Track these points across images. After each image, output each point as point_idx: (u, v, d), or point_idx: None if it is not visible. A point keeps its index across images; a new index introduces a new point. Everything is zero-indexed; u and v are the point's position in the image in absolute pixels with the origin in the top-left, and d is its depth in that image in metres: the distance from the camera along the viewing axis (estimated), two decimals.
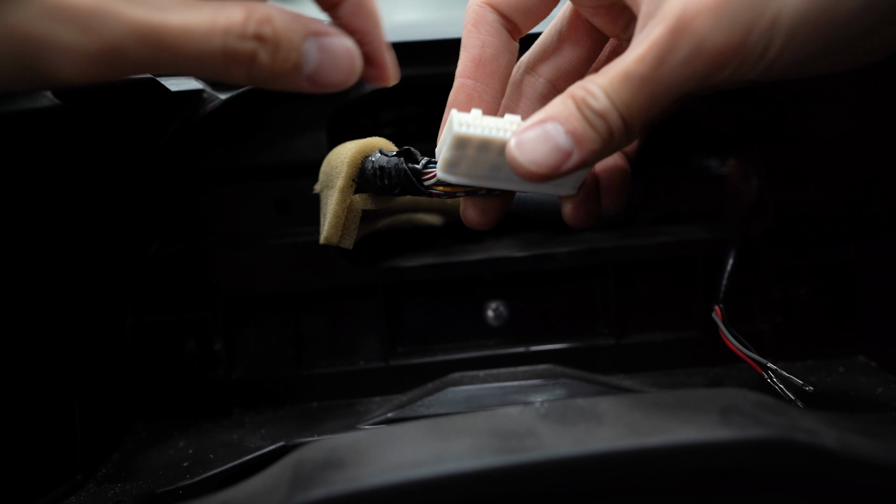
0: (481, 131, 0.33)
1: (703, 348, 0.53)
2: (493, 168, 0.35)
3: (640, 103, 0.29)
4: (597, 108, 0.30)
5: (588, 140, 0.30)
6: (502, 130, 0.33)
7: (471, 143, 0.33)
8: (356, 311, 0.55)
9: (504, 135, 0.32)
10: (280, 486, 0.28)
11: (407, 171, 0.37)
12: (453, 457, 0.27)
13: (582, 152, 0.30)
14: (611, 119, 0.30)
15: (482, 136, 0.33)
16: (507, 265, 0.53)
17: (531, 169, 0.31)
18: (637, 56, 0.29)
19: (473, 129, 0.33)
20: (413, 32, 0.51)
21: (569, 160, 0.30)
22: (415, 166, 0.37)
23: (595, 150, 0.30)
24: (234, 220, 0.54)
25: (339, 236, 0.41)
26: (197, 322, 0.52)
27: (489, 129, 0.33)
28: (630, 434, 0.27)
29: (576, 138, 0.30)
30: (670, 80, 0.29)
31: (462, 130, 0.33)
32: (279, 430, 0.49)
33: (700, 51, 0.28)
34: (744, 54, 0.28)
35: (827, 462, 0.27)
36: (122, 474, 0.44)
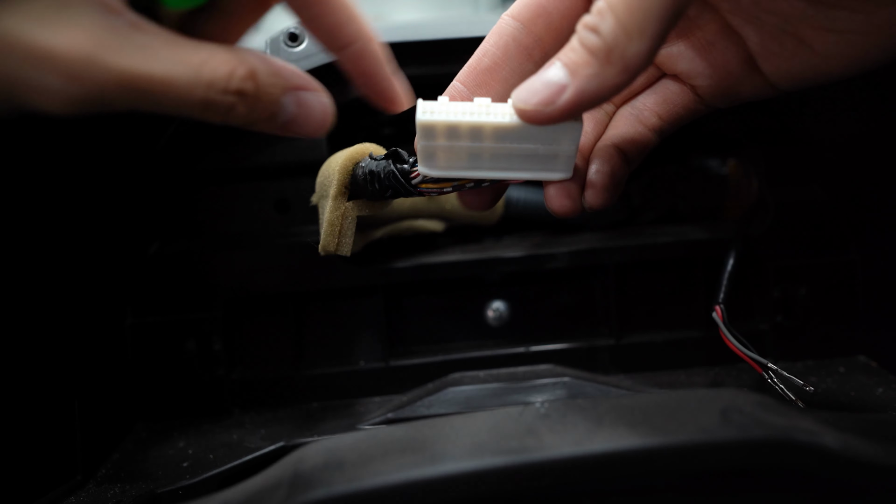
0: (445, 116, 0.32)
1: (703, 348, 0.53)
2: (473, 156, 0.34)
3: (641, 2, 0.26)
4: (589, 23, 0.27)
5: (581, 64, 0.27)
6: (468, 114, 0.32)
7: (438, 130, 0.32)
8: (356, 311, 0.55)
9: (470, 118, 0.32)
10: (280, 487, 0.28)
11: (395, 172, 0.37)
12: (453, 457, 0.27)
13: (577, 80, 0.28)
14: (604, 29, 0.27)
15: (447, 120, 0.32)
16: (507, 265, 0.53)
17: (521, 107, 0.29)
18: None
19: (437, 115, 0.32)
20: (413, 32, 0.50)
21: (563, 93, 0.28)
22: (402, 166, 0.37)
23: (592, 75, 0.27)
24: (234, 220, 0.54)
25: (335, 244, 0.41)
26: (197, 322, 0.52)
27: (454, 114, 0.32)
28: (630, 434, 0.27)
29: (570, 68, 0.28)
30: None
31: (426, 118, 0.32)
32: (279, 431, 0.49)
33: None
34: None
35: (827, 462, 0.27)
36: (121, 474, 0.44)
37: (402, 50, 0.49)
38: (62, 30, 0.24)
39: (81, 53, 0.24)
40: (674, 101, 0.36)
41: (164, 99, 0.27)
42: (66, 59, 0.24)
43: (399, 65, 0.35)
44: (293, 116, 0.31)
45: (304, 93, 0.31)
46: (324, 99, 0.32)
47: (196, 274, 0.52)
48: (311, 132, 0.32)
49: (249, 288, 0.52)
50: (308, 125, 0.31)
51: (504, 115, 0.32)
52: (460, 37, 0.49)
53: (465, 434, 0.29)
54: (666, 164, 0.57)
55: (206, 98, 0.27)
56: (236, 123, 0.30)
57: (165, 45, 0.26)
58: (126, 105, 0.27)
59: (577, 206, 0.36)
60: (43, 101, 0.25)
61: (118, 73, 0.25)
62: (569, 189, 0.35)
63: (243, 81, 0.28)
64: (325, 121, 0.32)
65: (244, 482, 0.31)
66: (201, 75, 0.27)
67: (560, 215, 0.36)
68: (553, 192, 0.36)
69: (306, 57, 0.47)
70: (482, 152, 0.33)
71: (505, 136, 0.32)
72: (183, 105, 0.27)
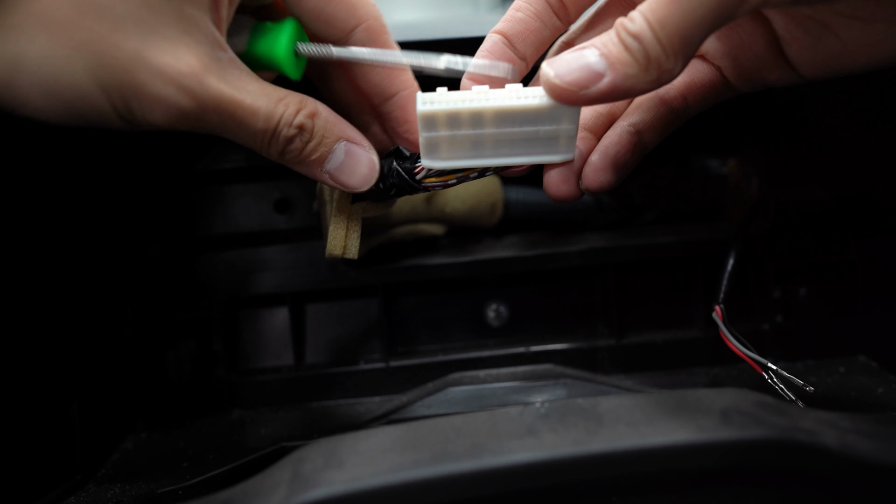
0: (446, 105, 0.32)
1: (703, 348, 0.53)
2: (475, 144, 0.34)
3: (676, 20, 0.28)
4: (632, 29, 0.28)
5: (621, 62, 0.29)
6: (468, 101, 0.32)
7: (439, 120, 0.33)
8: (356, 311, 0.55)
9: (471, 105, 0.32)
10: (280, 487, 0.28)
11: (398, 169, 0.37)
12: (453, 457, 0.27)
13: (615, 74, 0.29)
14: (646, 40, 0.28)
15: (448, 109, 0.32)
16: (507, 265, 0.53)
17: (556, 83, 0.30)
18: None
19: (437, 104, 0.32)
20: (413, 32, 0.50)
21: (600, 81, 0.29)
22: (405, 164, 0.37)
23: (630, 75, 0.29)
24: (233, 220, 0.54)
25: (342, 248, 0.41)
26: (197, 322, 0.52)
27: (454, 102, 0.32)
28: (630, 434, 0.27)
29: (609, 60, 0.29)
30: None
31: (426, 108, 0.32)
32: (279, 431, 0.49)
33: None
34: None
35: (827, 462, 0.27)
36: (121, 474, 0.44)
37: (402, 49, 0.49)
38: (181, 52, 0.29)
39: (195, 72, 0.29)
40: (700, 82, 0.36)
41: (244, 125, 0.31)
42: (182, 75, 0.29)
43: None
44: (341, 164, 0.35)
45: (355, 146, 0.35)
46: (373, 157, 0.35)
47: (196, 274, 0.52)
48: (354, 184, 0.35)
49: (249, 288, 0.52)
50: (352, 176, 0.35)
51: (504, 98, 0.32)
52: (461, 37, 0.49)
53: (465, 434, 0.29)
54: (666, 164, 0.57)
55: (276, 129, 0.32)
56: (289, 159, 0.34)
57: (253, 82, 0.32)
58: (212, 126, 0.31)
59: (576, 191, 0.36)
60: (154, 110, 0.30)
61: (218, 94, 0.30)
62: (567, 174, 0.36)
63: (306, 118, 0.33)
64: (368, 176, 0.35)
65: (244, 482, 0.31)
66: (278, 108, 0.32)
67: (559, 199, 0.36)
68: (553, 177, 0.36)
69: None
70: (484, 139, 0.33)
71: (506, 119, 0.33)
72: (257, 133, 0.32)
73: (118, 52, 0.28)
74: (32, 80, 0.28)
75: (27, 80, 0.28)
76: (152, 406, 0.52)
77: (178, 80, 0.29)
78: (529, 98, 0.32)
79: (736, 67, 0.35)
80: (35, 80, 0.28)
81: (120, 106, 0.30)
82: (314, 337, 0.54)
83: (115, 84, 0.29)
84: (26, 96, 0.29)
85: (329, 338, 0.54)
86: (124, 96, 0.29)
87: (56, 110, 0.30)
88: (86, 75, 0.28)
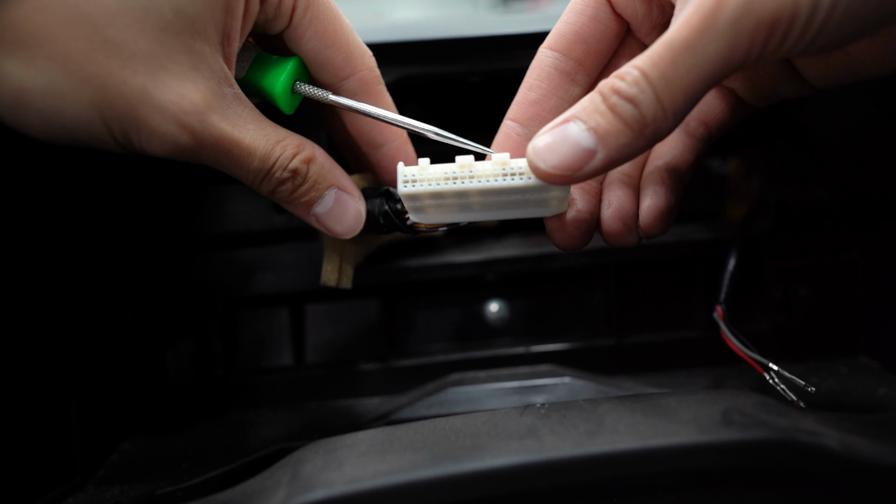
0: (428, 186, 0.31)
1: (704, 349, 0.53)
2: (462, 207, 0.33)
3: (682, 75, 0.26)
4: (626, 93, 0.26)
5: (613, 133, 0.27)
6: (451, 180, 0.31)
7: (422, 197, 0.32)
8: (356, 312, 0.54)
9: (454, 186, 0.31)
10: (279, 488, 0.28)
11: (388, 211, 0.37)
12: (453, 458, 0.27)
13: (608, 149, 0.27)
14: (643, 103, 0.26)
15: (430, 190, 0.31)
16: (507, 265, 0.53)
17: (548, 172, 0.28)
18: (682, 20, 0.26)
19: (419, 185, 0.31)
20: (413, 32, 0.50)
21: (593, 159, 0.27)
22: (395, 206, 0.37)
23: (624, 145, 0.27)
24: (233, 220, 0.53)
25: (335, 280, 0.42)
26: (196, 322, 0.52)
27: (437, 182, 0.31)
28: (631, 436, 0.27)
29: (599, 134, 0.27)
30: (717, 45, 0.25)
31: (407, 190, 0.32)
32: (278, 431, 0.49)
33: (749, 9, 0.25)
34: (793, 10, 0.25)
35: (829, 463, 0.27)
36: (120, 475, 0.44)
37: (402, 49, 0.49)
38: (188, 88, 0.30)
39: (198, 110, 0.30)
40: (717, 107, 0.36)
41: (240, 163, 0.32)
42: (185, 113, 0.30)
43: (399, 64, 0.35)
44: (329, 210, 0.35)
45: (346, 194, 0.36)
46: (361, 207, 0.36)
47: (195, 274, 0.52)
48: (338, 231, 0.36)
49: (249, 288, 0.52)
50: (338, 223, 0.36)
51: (489, 177, 0.31)
52: (460, 36, 0.49)
53: (465, 435, 0.29)
54: None
55: (270, 171, 0.33)
56: (279, 198, 0.35)
57: (254, 120, 0.32)
58: (206, 160, 0.32)
59: (587, 241, 0.35)
60: (153, 143, 0.30)
61: (218, 133, 0.31)
62: (577, 221, 0.34)
63: (301, 162, 0.34)
64: (353, 226, 0.36)
65: (244, 483, 0.31)
66: (275, 150, 0.33)
67: (567, 250, 0.35)
68: (556, 227, 0.35)
69: None
70: (471, 205, 0.33)
71: (492, 193, 0.32)
72: (252, 171, 0.33)
73: (125, 87, 0.29)
74: (37, 111, 0.29)
75: (32, 109, 0.29)
76: (151, 406, 0.52)
77: (179, 118, 0.30)
78: (516, 177, 0.31)
79: (750, 88, 0.35)
80: (39, 109, 0.29)
81: (119, 136, 0.30)
82: (314, 337, 0.54)
83: (117, 116, 0.29)
84: (30, 123, 0.30)
85: (329, 338, 0.54)
86: (124, 128, 0.30)
87: (56, 136, 0.31)
88: (89, 106, 0.29)
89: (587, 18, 0.35)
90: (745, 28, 0.25)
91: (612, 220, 0.34)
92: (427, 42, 0.50)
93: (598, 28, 0.35)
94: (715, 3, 0.25)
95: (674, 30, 0.26)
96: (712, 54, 0.26)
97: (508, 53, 0.48)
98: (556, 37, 0.35)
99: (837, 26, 0.26)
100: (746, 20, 0.25)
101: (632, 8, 0.35)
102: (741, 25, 0.25)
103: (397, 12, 1.01)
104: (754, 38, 0.25)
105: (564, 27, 0.35)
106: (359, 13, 0.50)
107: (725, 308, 0.44)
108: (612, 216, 0.34)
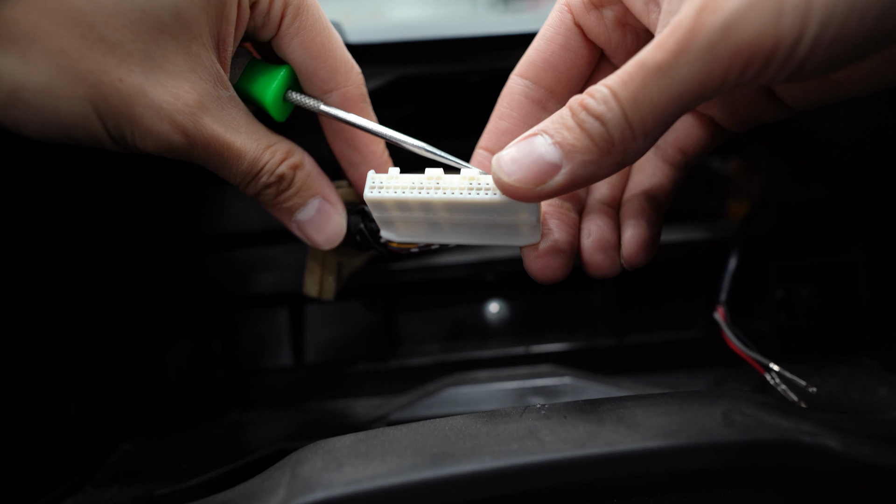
0: (393, 193, 0.31)
1: (705, 349, 0.53)
2: (431, 225, 0.33)
3: (652, 97, 0.25)
4: (594, 110, 0.26)
5: (579, 150, 0.26)
6: (417, 189, 0.31)
7: (388, 205, 0.32)
8: (356, 312, 0.54)
9: (419, 195, 0.31)
10: (279, 489, 0.28)
11: (364, 230, 0.36)
12: (454, 459, 0.27)
13: (572, 164, 0.26)
14: (610, 122, 0.26)
15: (395, 198, 0.31)
16: (507, 265, 0.52)
17: (509, 183, 0.27)
18: (656, 42, 0.25)
19: (385, 191, 0.31)
20: (412, 31, 0.50)
21: (556, 174, 0.27)
22: (371, 224, 0.36)
23: (589, 162, 0.26)
24: (232, 221, 0.53)
25: (317, 290, 0.42)
26: (195, 322, 0.52)
27: (402, 190, 0.31)
28: (632, 436, 0.27)
29: (564, 149, 0.26)
30: (691, 69, 0.24)
31: (373, 195, 0.31)
32: (277, 432, 0.49)
33: (727, 35, 0.24)
34: (775, 39, 0.24)
35: (830, 464, 0.27)
36: (119, 476, 0.44)
37: (401, 49, 0.49)
38: (183, 88, 0.30)
39: (191, 110, 0.30)
40: (696, 135, 0.35)
41: (229, 165, 0.33)
42: (179, 112, 0.30)
43: (398, 64, 0.35)
44: (311, 219, 0.36)
45: (329, 205, 0.36)
46: (342, 221, 0.36)
47: (194, 274, 0.52)
48: (318, 241, 0.36)
49: (248, 288, 0.52)
50: (319, 233, 0.36)
51: (455, 189, 0.30)
52: (459, 36, 0.48)
53: (465, 436, 0.28)
54: None
55: (258, 174, 0.33)
56: (263, 201, 0.35)
57: (247, 124, 0.33)
58: (197, 159, 0.32)
59: (565, 272, 0.34)
60: (146, 140, 0.30)
61: (210, 134, 0.31)
62: (554, 252, 0.33)
63: (288, 168, 0.34)
64: (334, 237, 0.36)
65: (243, 484, 0.31)
66: (264, 155, 0.33)
67: (544, 282, 0.34)
68: (532, 259, 0.33)
69: None
70: (440, 222, 0.32)
71: (458, 209, 0.31)
72: (237, 172, 0.33)
73: (121, 84, 0.29)
74: (33, 108, 0.29)
75: (28, 106, 0.29)
76: (150, 407, 0.52)
77: (173, 117, 0.30)
78: (482, 192, 0.30)
79: (728, 115, 0.34)
80: (36, 106, 0.29)
81: (114, 132, 0.30)
82: (313, 337, 0.54)
83: (113, 113, 0.29)
84: (26, 121, 0.30)
85: (328, 338, 0.54)
86: (119, 125, 0.30)
87: (52, 133, 0.30)
88: (85, 102, 0.29)
89: (557, 46, 0.34)
90: (721, 54, 0.24)
91: (592, 250, 0.34)
92: (426, 42, 0.50)
93: (569, 56, 0.34)
94: (691, 27, 0.24)
95: (647, 50, 0.25)
96: (686, 78, 0.25)
97: (508, 53, 0.48)
98: (526, 64, 0.35)
99: (824, 56, 0.24)
100: (723, 46, 0.24)
101: (605, 35, 0.34)
102: (717, 51, 0.24)
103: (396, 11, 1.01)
104: (732, 64, 0.24)
105: (534, 54, 0.35)
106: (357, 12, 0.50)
107: (726, 308, 0.44)
108: (593, 246, 0.34)
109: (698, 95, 0.25)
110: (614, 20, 0.33)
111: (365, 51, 0.48)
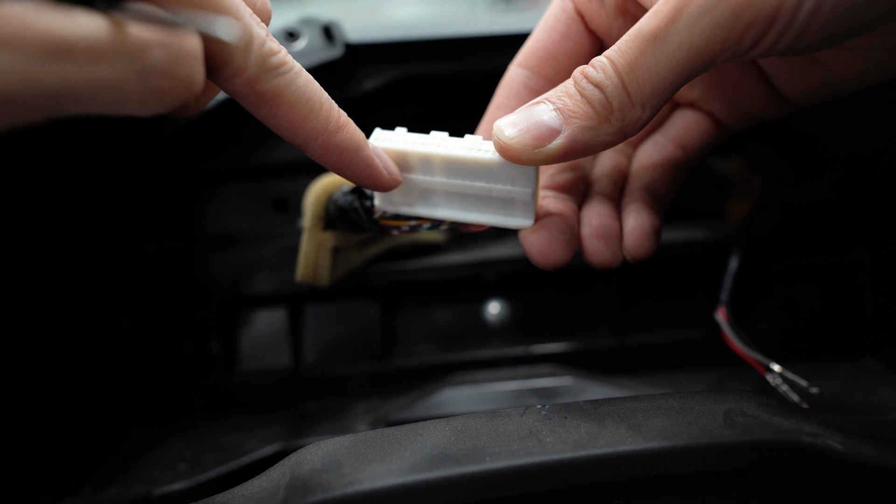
0: (395, 145, 0.31)
1: (706, 349, 0.53)
2: (426, 192, 0.33)
3: (649, 65, 0.25)
4: (593, 77, 0.26)
5: (578, 115, 0.27)
6: (420, 144, 0.31)
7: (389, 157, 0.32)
8: (355, 312, 0.54)
9: (421, 148, 0.31)
10: (278, 490, 0.27)
11: (358, 208, 0.36)
12: (454, 460, 0.26)
13: (571, 129, 0.27)
14: (608, 88, 0.26)
15: (397, 149, 0.31)
16: (507, 265, 0.52)
17: (506, 142, 0.28)
18: (652, 10, 0.25)
19: (388, 142, 0.31)
20: (412, 31, 0.50)
21: (555, 138, 0.27)
22: (366, 202, 0.36)
23: (588, 128, 0.27)
24: (231, 220, 0.53)
25: (312, 275, 0.42)
26: (193, 323, 0.52)
27: (405, 143, 0.31)
28: (633, 437, 0.27)
29: (564, 114, 0.27)
30: (689, 35, 0.24)
31: (377, 144, 0.31)
32: (277, 432, 0.48)
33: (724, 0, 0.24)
34: (775, 7, 0.24)
35: (832, 465, 0.27)
36: (117, 478, 0.44)
37: (401, 49, 0.48)
38: None
39: None
40: (696, 131, 0.35)
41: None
42: None
43: (398, 63, 0.35)
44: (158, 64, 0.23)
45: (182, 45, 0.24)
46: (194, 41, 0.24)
47: (193, 274, 0.52)
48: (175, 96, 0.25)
49: (247, 288, 0.52)
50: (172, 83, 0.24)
51: (456, 148, 0.30)
52: (460, 35, 0.48)
53: (465, 436, 0.28)
54: None
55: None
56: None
57: None
58: None
59: (565, 255, 0.33)
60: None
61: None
62: (553, 235, 0.32)
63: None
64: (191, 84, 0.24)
65: (242, 485, 0.31)
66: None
67: (545, 268, 0.33)
68: (531, 242, 0.33)
69: (306, 55, 0.46)
70: (435, 188, 0.32)
71: (456, 170, 0.31)
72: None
73: None
74: None
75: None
76: (149, 408, 0.51)
77: None
78: (482, 151, 0.30)
79: (728, 109, 0.34)
80: None
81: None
82: (313, 338, 0.54)
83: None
84: None
85: (328, 339, 0.54)
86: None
87: None
88: None
89: (558, 35, 0.34)
90: (718, 19, 0.24)
91: (593, 238, 0.33)
92: (426, 41, 0.50)
93: (570, 45, 0.34)
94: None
95: (644, 19, 0.25)
96: (684, 44, 0.25)
97: (508, 52, 0.48)
98: (527, 54, 0.35)
99: (825, 24, 0.24)
100: (720, 11, 0.24)
101: (606, 23, 0.34)
102: (714, 16, 0.24)
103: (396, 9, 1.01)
104: (730, 31, 0.24)
105: (535, 44, 0.35)
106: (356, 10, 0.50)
107: (728, 308, 0.43)
108: (593, 234, 0.33)
109: (696, 63, 0.25)
110: (615, 7, 0.33)
111: (365, 50, 0.48)
